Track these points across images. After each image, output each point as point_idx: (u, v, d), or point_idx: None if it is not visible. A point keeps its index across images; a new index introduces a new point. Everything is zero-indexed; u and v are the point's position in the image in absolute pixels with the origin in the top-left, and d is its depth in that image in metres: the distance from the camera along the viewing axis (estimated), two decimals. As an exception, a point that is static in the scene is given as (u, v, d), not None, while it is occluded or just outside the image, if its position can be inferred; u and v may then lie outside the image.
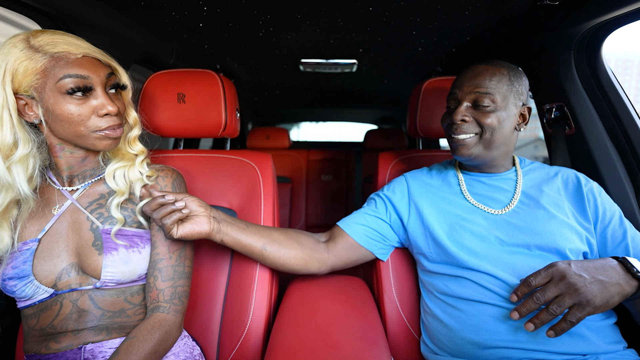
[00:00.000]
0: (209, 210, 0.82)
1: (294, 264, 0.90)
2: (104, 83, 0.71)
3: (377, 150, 1.95)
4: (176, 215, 0.74)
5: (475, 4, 0.98)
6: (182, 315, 0.79)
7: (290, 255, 0.90)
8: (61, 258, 0.74)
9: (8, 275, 0.71)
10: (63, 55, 0.66)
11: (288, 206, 2.38)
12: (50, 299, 0.74)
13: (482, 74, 0.83)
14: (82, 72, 0.67)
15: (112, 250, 0.74)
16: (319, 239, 0.96)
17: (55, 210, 0.77)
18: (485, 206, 0.86)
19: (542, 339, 0.71)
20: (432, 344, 0.86)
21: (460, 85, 0.85)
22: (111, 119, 0.72)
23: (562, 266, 0.65)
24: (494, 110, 0.81)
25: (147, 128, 1.10)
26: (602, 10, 0.89)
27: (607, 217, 0.81)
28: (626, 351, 0.74)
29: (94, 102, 0.69)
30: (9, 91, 0.65)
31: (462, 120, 0.83)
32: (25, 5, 0.88)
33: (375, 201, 0.99)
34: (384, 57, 1.51)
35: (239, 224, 0.87)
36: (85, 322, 0.74)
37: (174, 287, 0.78)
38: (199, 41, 1.32)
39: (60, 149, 0.74)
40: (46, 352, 0.72)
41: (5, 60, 0.65)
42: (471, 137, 0.83)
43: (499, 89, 0.82)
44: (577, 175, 0.87)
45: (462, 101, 0.84)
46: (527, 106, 0.86)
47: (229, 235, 0.84)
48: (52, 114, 0.68)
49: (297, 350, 0.72)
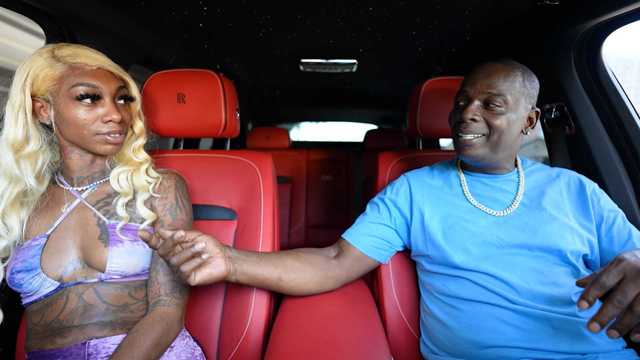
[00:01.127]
0: (224, 250, 0.77)
1: (310, 288, 0.87)
2: (113, 94, 0.78)
3: (377, 150, 1.95)
4: (196, 262, 0.67)
5: (475, 4, 0.98)
6: (183, 309, 0.82)
7: (306, 280, 0.86)
8: (68, 252, 0.77)
9: (17, 268, 0.73)
10: (80, 65, 0.74)
11: (288, 206, 2.38)
12: (55, 293, 0.76)
13: (497, 73, 0.80)
14: (94, 82, 0.75)
15: (118, 243, 0.78)
16: (328, 255, 0.93)
17: (64, 208, 0.81)
18: (486, 207, 0.86)
19: (541, 338, 0.71)
20: (431, 344, 0.86)
21: (472, 82, 0.82)
22: (113, 126, 0.78)
23: (633, 259, 0.57)
24: (505, 112, 0.79)
25: (147, 129, 1.11)
26: (602, 10, 0.89)
27: (612, 217, 0.81)
28: (625, 351, 0.74)
29: (100, 110, 0.76)
30: (27, 94, 0.73)
31: (472, 119, 0.81)
32: (25, 5, 0.88)
33: (378, 206, 0.97)
34: (384, 57, 1.51)
35: (251, 257, 0.82)
36: (90, 316, 0.76)
37: (175, 281, 0.80)
38: (199, 41, 1.32)
39: (70, 150, 0.81)
40: (51, 348, 0.73)
41: (30, 67, 0.73)
42: (479, 137, 0.81)
43: (512, 90, 0.79)
44: (580, 177, 0.87)
45: (473, 99, 0.81)
46: (535, 110, 0.84)
47: (245, 274, 0.79)
48: (62, 117, 0.75)
49: (297, 350, 0.72)
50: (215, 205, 1.07)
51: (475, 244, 0.81)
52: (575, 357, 0.71)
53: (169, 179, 0.89)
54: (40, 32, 1.00)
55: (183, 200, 0.89)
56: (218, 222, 1.06)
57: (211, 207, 1.07)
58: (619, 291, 0.55)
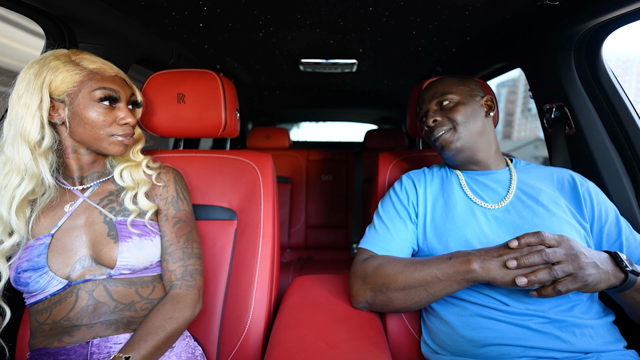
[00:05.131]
0: None
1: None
2: (127, 99, 0.84)
3: (377, 150, 1.95)
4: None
5: (475, 4, 0.98)
6: (197, 289, 0.86)
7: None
8: (75, 251, 0.79)
9: (23, 267, 0.74)
10: (100, 71, 0.80)
11: (288, 206, 2.38)
12: (64, 291, 0.77)
13: (435, 84, 0.97)
14: (114, 87, 0.80)
15: (127, 238, 0.80)
16: None
17: (67, 207, 0.82)
18: (483, 202, 0.87)
19: (542, 337, 0.71)
20: (433, 344, 0.86)
21: (422, 100, 0.98)
22: (128, 128, 0.83)
23: (572, 239, 0.68)
24: (457, 104, 0.91)
25: (147, 129, 1.11)
26: (602, 10, 0.89)
27: (604, 217, 0.82)
28: (627, 351, 0.74)
29: (118, 113, 0.82)
30: (45, 94, 0.75)
31: (435, 120, 0.91)
32: (25, 5, 0.88)
33: (397, 212, 0.93)
34: (384, 57, 1.51)
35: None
36: (99, 314, 0.78)
37: (185, 267, 0.85)
38: (199, 41, 1.32)
39: (72, 150, 0.82)
40: (57, 346, 0.74)
41: (47, 68, 0.75)
42: (448, 131, 0.89)
43: (453, 88, 0.93)
44: (572, 175, 0.88)
45: (428, 108, 0.95)
46: (487, 97, 0.95)
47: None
48: (79, 117, 0.78)
49: (297, 350, 0.72)
50: (215, 205, 1.07)
51: (477, 240, 0.82)
52: (578, 355, 0.71)
53: (167, 173, 0.93)
54: (40, 32, 1.00)
55: (183, 192, 0.93)
56: (218, 222, 1.06)
57: (211, 207, 1.07)
58: (551, 251, 0.65)
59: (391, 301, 0.80)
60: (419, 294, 0.76)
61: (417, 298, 0.77)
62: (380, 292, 0.80)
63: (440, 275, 0.74)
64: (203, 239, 1.04)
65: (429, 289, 0.75)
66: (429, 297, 0.76)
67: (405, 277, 0.77)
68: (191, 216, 0.93)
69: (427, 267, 0.76)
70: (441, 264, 0.75)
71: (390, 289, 0.79)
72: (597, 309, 0.77)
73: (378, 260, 0.84)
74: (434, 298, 0.77)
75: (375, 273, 0.82)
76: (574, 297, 0.75)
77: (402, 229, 0.90)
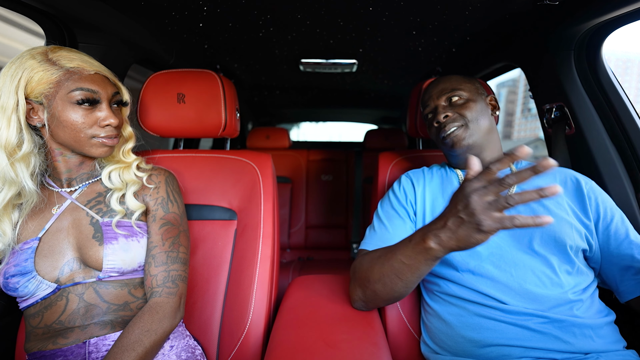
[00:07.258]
0: None
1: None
2: (109, 98, 0.79)
3: (377, 150, 1.95)
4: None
5: (476, 3, 0.98)
6: (179, 297, 0.81)
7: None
8: (63, 254, 0.77)
9: (10, 272, 0.73)
10: (78, 70, 0.74)
11: (288, 206, 2.38)
12: (53, 295, 0.76)
13: (442, 80, 0.96)
14: (93, 87, 0.75)
15: (112, 240, 0.78)
16: None
17: (54, 210, 0.80)
18: None
19: (542, 337, 0.71)
20: (432, 344, 0.86)
21: (429, 96, 0.96)
22: (110, 129, 0.79)
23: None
24: (467, 100, 0.91)
25: (147, 129, 1.11)
26: (602, 10, 0.89)
27: (609, 215, 0.81)
28: (627, 351, 0.74)
29: (99, 114, 0.77)
30: (21, 96, 0.71)
31: (446, 116, 0.90)
32: (25, 5, 0.88)
33: (396, 212, 0.92)
34: (384, 57, 1.51)
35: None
36: (92, 316, 0.76)
37: (167, 272, 0.81)
38: (199, 41, 1.32)
39: (58, 153, 0.79)
40: (53, 348, 0.73)
41: (22, 68, 0.71)
42: (460, 127, 0.88)
43: (461, 85, 0.93)
44: (576, 175, 0.88)
45: (437, 104, 0.94)
46: (491, 96, 0.97)
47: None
48: (57, 120, 0.74)
49: (297, 350, 0.72)
50: (215, 205, 1.07)
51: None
52: (578, 356, 0.71)
53: (158, 174, 0.90)
54: (40, 32, 1.00)
55: (174, 194, 0.90)
56: (218, 222, 1.06)
57: (211, 207, 1.07)
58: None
59: (375, 294, 0.79)
60: (394, 282, 0.74)
61: (395, 287, 0.75)
62: (365, 287, 0.80)
63: (404, 260, 0.70)
64: (203, 239, 1.04)
65: (401, 276, 0.72)
66: (404, 283, 0.73)
67: (378, 268, 0.76)
68: (181, 219, 0.89)
69: (394, 253, 0.73)
70: (403, 248, 0.71)
71: (370, 281, 0.78)
72: (597, 309, 0.77)
73: (365, 257, 0.84)
74: (411, 283, 0.74)
75: (359, 269, 0.82)
76: (574, 297, 0.75)
77: (400, 228, 0.90)
